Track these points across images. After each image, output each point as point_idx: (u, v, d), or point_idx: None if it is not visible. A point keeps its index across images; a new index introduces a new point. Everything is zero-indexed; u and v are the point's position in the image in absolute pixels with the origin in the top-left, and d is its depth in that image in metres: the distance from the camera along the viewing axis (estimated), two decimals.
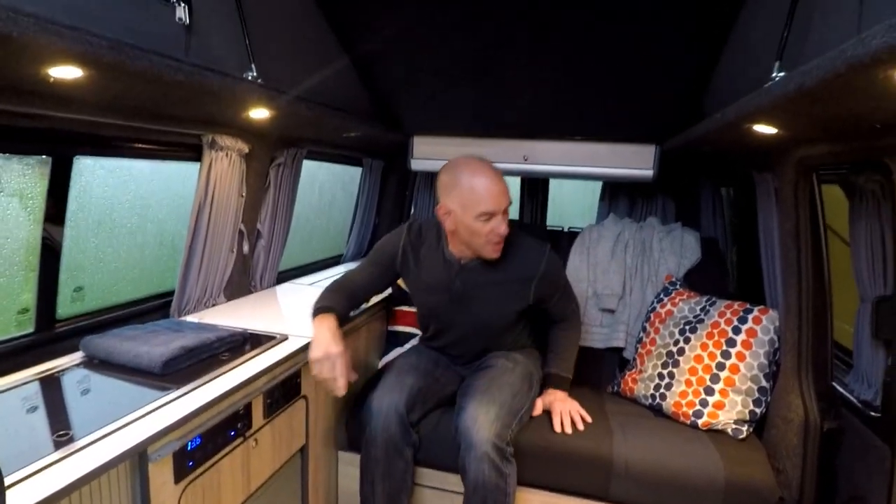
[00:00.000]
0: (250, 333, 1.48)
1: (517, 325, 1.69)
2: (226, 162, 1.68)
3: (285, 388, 1.41)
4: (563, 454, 1.50)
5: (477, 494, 1.41)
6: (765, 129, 1.20)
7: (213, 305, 1.80)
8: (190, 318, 1.60)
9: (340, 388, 1.41)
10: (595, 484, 1.51)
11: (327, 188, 2.97)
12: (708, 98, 1.79)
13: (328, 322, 1.45)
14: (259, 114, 1.52)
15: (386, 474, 1.53)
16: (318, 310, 1.50)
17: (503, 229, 1.47)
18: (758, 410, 1.58)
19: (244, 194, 1.83)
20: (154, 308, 1.70)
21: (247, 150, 1.76)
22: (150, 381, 1.15)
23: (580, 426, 1.57)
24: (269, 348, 1.42)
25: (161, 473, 0.99)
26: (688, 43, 1.72)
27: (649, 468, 1.47)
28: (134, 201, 1.81)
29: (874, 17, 0.83)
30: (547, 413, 1.63)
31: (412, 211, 3.35)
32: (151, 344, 1.26)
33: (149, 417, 1.01)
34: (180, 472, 1.04)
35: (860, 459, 1.32)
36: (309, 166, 2.22)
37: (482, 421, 1.44)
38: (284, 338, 1.50)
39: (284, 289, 2.16)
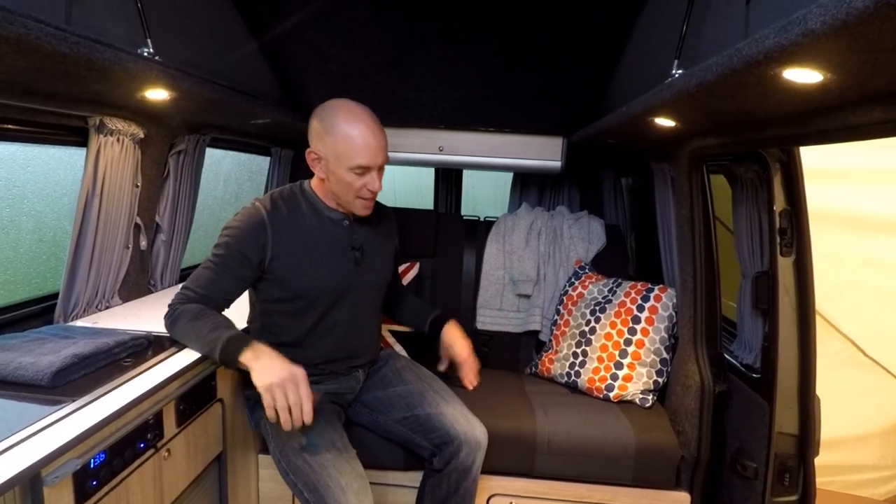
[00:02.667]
0: (155, 336, 1.35)
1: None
2: (117, 148, 1.51)
3: (199, 392, 1.30)
4: (490, 437, 1.54)
5: (451, 481, 1.42)
6: (665, 121, 1.31)
7: (107, 308, 1.61)
8: (80, 324, 1.43)
9: (308, 413, 1.17)
10: (521, 462, 1.58)
11: (233, 178, 2.78)
12: (611, 94, 1.92)
13: (259, 344, 1.22)
14: (157, 95, 1.38)
15: None
16: (231, 339, 1.21)
17: (377, 186, 1.35)
18: (660, 380, 1.73)
19: (139, 184, 1.66)
20: (33, 314, 1.49)
21: (142, 136, 1.59)
22: (39, 396, 1.01)
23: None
24: (178, 351, 1.30)
25: (59, 497, 0.88)
26: (592, 43, 1.83)
27: (569, 442, 1.56)
28: (5, 191, 1.56)
29: (759, 22, 0.94)
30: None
31: None
32: (36, 354, 1.10)
33: (40, 436, 0.88)
34: (82, 494, 0.92)
35: (745, 416, 1.50)
36: (213, 155, 2.06)
37: (469, 418, 1.45)
38: None
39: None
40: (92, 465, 0.94)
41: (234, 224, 1.35)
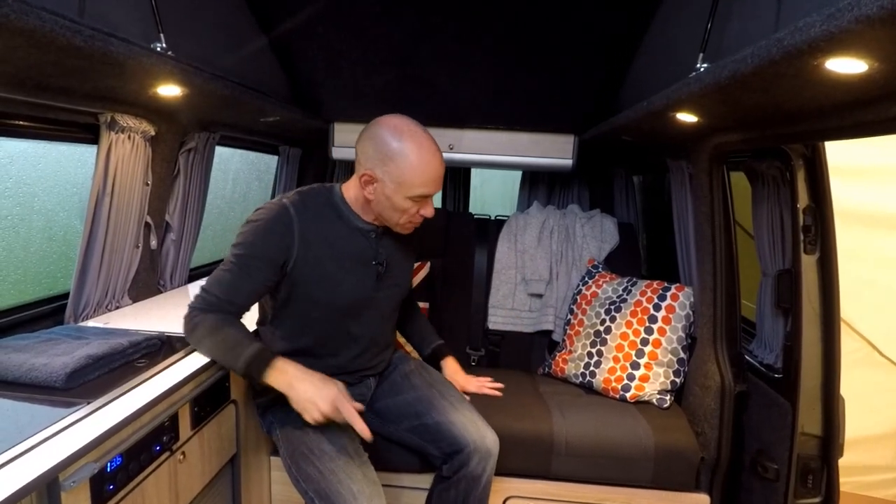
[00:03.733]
0: (167, 336, 1.33)
1: None
2: (128, 145, 1.49)
3: (213, 393, 1.28)
4: (505, 438, 1.52)
5: (460, 489, 1.39)
6: (687, 117, 1.29)
7: (117, 308, 1.59)
8: (92, 324, 1.41)
9: (364, 432, 1.16)
10: (538, 464, 1.55)
11: (242, 178, 2.76)
12: (626, 91, 1.90)
13: (283, 363, 1.19)
14: (169, 91, 1.36)
15: None
16: (254, 359, 1.17)
17: (431, 212, 1.30)
18: (678, 380, 1.71)
19: (150, 182, 1.64)
20: (44, 314, 1.46)
21: (152, 133, 1.57)
22: (53, 398, 0.98)
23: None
24: (191, 352, 1.28)
25: (76, 502, 0.85)
26: (606, 40, 1.81)
27: (587, 444, 1.54)
28: (15, 189, 1.54)
29: (792, 13, 0.91)
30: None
31: None
32: (49, 355, 1.08)
33: (56, 439, 0.86)
34: (99, 498, 0.90)
35: (765, 416, 1.47)
36: (222, 153, 2.04)
37: (480, 425, 1.42)
38: None
39: (198, 287, 1.97)
40: (109, 469, 0.92)
41: (259, 219, 1.25)
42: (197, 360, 1.23)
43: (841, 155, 1.93)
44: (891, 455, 2.33)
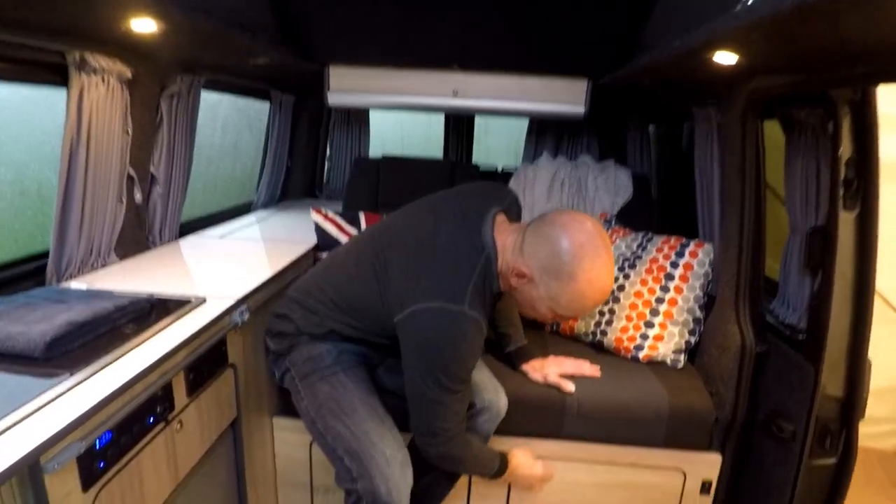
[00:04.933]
0: (157, 299, 1.24)
1: None
2: (102, 89, 1.34)
3: (210, 358, 1.21)
4: (516, 401, 1.47)
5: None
6: (726, 57, 1.15)
7: (104, 266, 1.50)
8: (75, 285, 1.31)
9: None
10: (549, 425, 1.51)
11: (231, 125, 2.59)
12: (649, 30, 1.73)
13: (514, 460, 1.36)
14: (143, 25, 1.21)
15: None
16: (501, 468, 1.32)
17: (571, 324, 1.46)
18: (692, 340, 1.65)
19: (130, 131, 1.50)
20: (23, 275, 1.37)
21: (129, 76, 1.42)
22: (32, 370, 0.90)
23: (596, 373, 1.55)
24: (183, 315, 1.20)
25: (63, 484, 0.79)
26: None
27: (600, 405, 1.49)
28: None
29: None
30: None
31: (328, 153, 3.08)
32: (26, 321, 0.99)
33: (37, 417, 0.78)
34: (89, 477, 0.84)
35: (783, 377, 1.42)
36: (207, 99, 1.89)
37: (496, 385, 1.43)
38: (201, 300, 1.28)
39: (190, 243, 1.87)
40: (97, 447, 0.85)
41: (467, 353, 1.07)
42: (190, 325, 1.14)
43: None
44: (889, 408, 2.33)
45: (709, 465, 1.52)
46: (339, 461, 1.16)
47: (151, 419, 0.99)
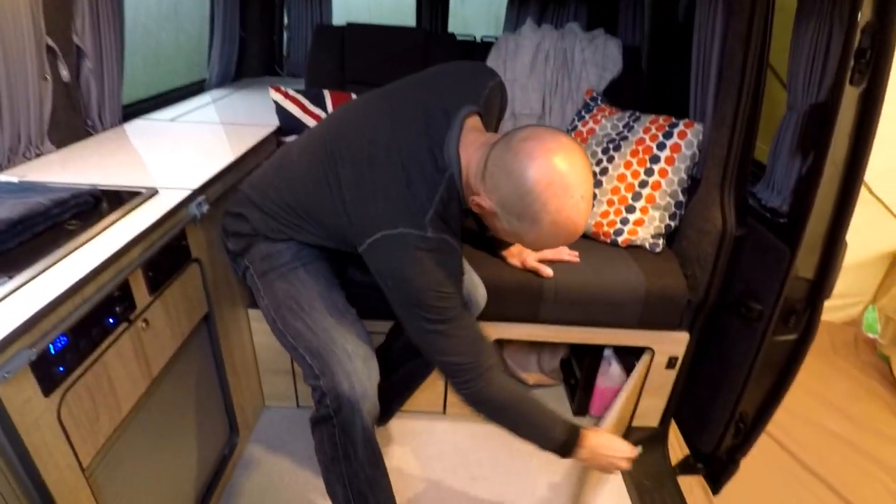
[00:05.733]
0: (102, 191, 1.12)
1: None
2: None
3: (170, 254, 1.13)
4: (493, 287, 1.46)
5: None
6: None
7: (38, 157, 1.34)
8: (3, 178, 1.18)
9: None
10: (525, 310, 1.53)
11: None
12: None
13: (588, 439, 1.14)
14: None
15: (375, 483, 1.17)
16: (566, 444, 1.13)
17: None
18: (673, 224, 1.63)
19: None
20: None
21: None
22: None
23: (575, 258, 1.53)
24: (134, 207, 1.09)
25: (19, 391, 0.75)
26: None
27: (577, 291, 1.50)
28: None
29: None
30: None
31: (285, 22, 2.75)
32: None
33: None
34: (49, 383, 0.80)
35: (758, 260, 1.43)
36: None
37: (474, 278, 1.39)
38: (153, 192, 1.16)
39: (136, 128, 1.69)
40: (53, 352, 0.80)
41: (444, 277, 0.97)
42: (143, 218, 1.05)
43: None
44: (846, 284, 2.45)
45: (677, 342, 1.59)
46: (301, 359, 1.13)
47: (112, 320, 0.94)
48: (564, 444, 1.12)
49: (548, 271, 1.48)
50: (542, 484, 1.59)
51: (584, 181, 0.87)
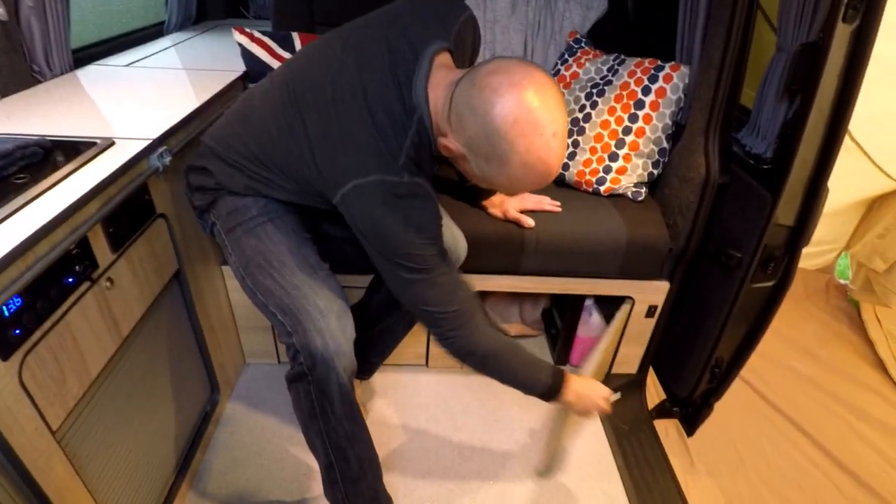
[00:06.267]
0: (53, 141, 1.04)
1: None
2: None
3: (132, 209, 1.07)
4: (474, 239, 1.43)
5: None
6: None
7: None
8: None
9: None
10: (507, 262, 1.51)
11: None
12: None
13: (572, 382, 1.16)
14: None
15: (354, 437, 1.15)
16: (552, 389, 1.14)
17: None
18: (656, 172, 1.60)
19: None
20: None
21: None
22: None
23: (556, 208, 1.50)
24: (90, 159, 1.02)
25: None
26: None
27: (559, 241, 1.48)
28: None
29: None
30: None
31: None
32: None
33: None
34: (6, 346, 0.75)
35: (739, 207, 1.42)
36: None
37: (454, 230, 1.35)
38: (109, 142, 1.09)
39: (90, 74, 1.57)
40: (7, 314, 0.75)
41: (421, 223, 0.93)
42: (99, 170, 0.98)
43: None
44: (822, 231, 2.48)
45: (657, 291, 1.60)
46: (272, 316, 1.08)
47: (72, 279, 0.89)
48: (551, 387, 1.13)
49: (529, 222, 1.45)
50: (522, 430, 1.62)
51: (556, 117, 0.81)
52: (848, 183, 2.30)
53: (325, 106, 0.94)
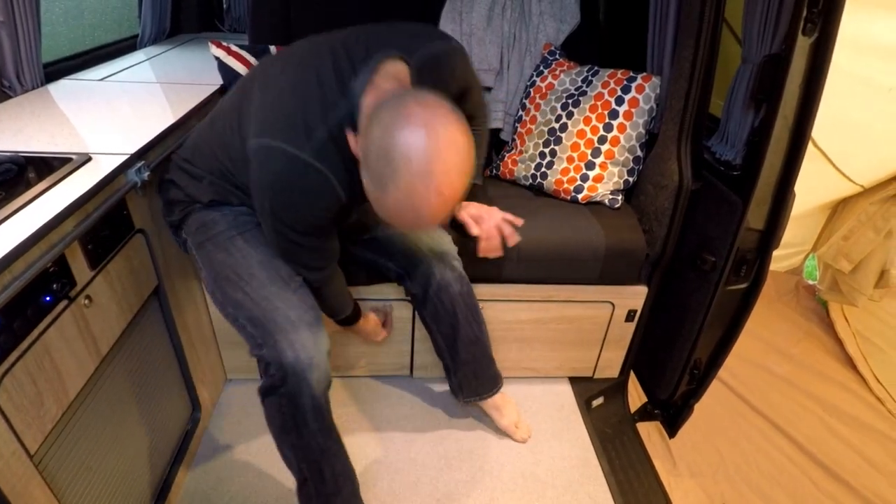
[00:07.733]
0: (27, 157, 1.02)
1: None
2: None
3: (110, 225, 1.05)
4: (458, 250, 1.45)
5: (443, 297, 1.40)
6: None
7: None
8: None
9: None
10: (489, 271, 1.52)
11: None
12: None
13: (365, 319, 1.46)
14: None
15: (329, 452, 1.14)
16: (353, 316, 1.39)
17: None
18: (631, 179, 1.65)
19: None
20: None
21: None
22: None
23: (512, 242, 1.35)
24: (66, 175, 1.00)
25: None
26: None
27: (540, 250, 1.51)
28: None
29: None
30: None
31: None
32: None
33: None
34: None
35: (712, 213, 1.47)
36: None
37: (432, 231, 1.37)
38: (86, 158, 1.07)
39: (63, 88, 1.54)
40: None
41: (304, 206, 0.97)
42: (76, 187, 0.96)
43: None
44: (789, 234, 2.57)
45: (635, 296, 1.64)
46: (242, 329, 1.08)
47: (49, 298, 0.87)
48: (352, 315, 1.37)
49: (474, 231, 1.35)
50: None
51: (452, 182, 0.77)
52: (813, 187, 2.39)
53: (274, 80, 0.98)
